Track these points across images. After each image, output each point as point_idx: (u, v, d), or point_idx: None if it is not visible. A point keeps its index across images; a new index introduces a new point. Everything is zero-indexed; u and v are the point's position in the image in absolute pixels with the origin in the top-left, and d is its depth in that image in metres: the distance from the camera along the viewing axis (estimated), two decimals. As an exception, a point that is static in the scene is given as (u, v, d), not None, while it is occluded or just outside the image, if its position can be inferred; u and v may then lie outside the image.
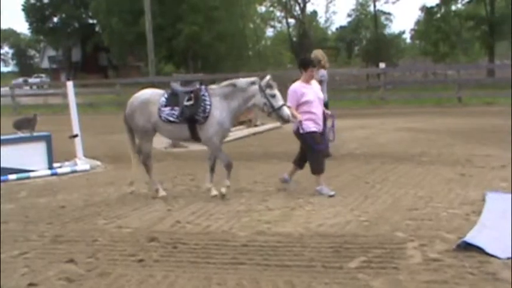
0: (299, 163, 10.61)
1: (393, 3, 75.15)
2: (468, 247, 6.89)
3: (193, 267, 6.69)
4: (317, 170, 10.13)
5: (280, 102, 9.63)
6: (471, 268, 6.34)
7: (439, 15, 62.60)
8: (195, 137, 10.10)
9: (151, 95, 10.37)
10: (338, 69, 53.87)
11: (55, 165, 13.33)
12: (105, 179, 12.32)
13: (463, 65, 52.94)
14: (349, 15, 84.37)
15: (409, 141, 16.64)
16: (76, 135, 14.27)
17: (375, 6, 72.65)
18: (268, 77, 9.71)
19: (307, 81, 10.27)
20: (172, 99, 10.02)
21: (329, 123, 10.83)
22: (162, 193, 10.38)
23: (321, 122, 10.24)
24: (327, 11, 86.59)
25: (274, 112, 9.65)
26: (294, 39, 74.11)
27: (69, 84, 15.07)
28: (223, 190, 9.96)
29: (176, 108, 9.89)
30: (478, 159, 12.80)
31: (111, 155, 15.67)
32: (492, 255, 6.65)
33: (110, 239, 7.89)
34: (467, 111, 26.57)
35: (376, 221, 8.33)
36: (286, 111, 9.62)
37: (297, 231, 7.93)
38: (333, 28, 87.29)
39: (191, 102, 9.82)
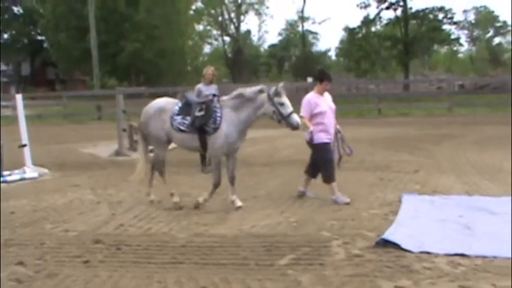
0: (312, 172, 10.11)
1: (319, 23, 76.11)
2: (386, 243, 7.06)
3: (135, 267, 6.66)
4: (329, 179, 9.71)
5: (289, 109, 9.00)
6: (388, 262, 6.50)
7: (360, 35, 63.43)
8: (204, 148, 9.51)
9: (166, 104, 9.85)
10: (270, 83, 54.23)
11: (5, 173, 13.04)
12: (52, 186, 12.09)
13: (382, 80, 53.81)
14: (280, 34, 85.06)
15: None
16: (25, 145, 14.00)
17: (303, 26, 73.31)
18: (281, 84, 9.22)
19: (321, 93, 9.85)
20: (185, 109, 9.52)
21: (339, 137, 10.10)
22: (175, 199, 9.79)
23: (332, 133, 9.79)
24: (259, 30, 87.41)
25: (284, 120, 9.02)
26: (229, 55, 74.24)
27: (18, 97, 14.78)
28: (200, 199, 9.63)
29: (187, 117, 9.40)
30: (395, 165, 13.04)
31: (58, 163, 15.45)
32: (407, 250, 6.84)
33: (57, 242, 7.78)
34: (386, 122, 27.01)
35: (304, 221, 8.42)
36: (295, 118, 9.01)
37: (231, 233, 7.96)
38: (265, 46, 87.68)
39: (202, 113, 9.32)
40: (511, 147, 14.40)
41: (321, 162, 9.78)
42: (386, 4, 59.39)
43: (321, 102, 9.71)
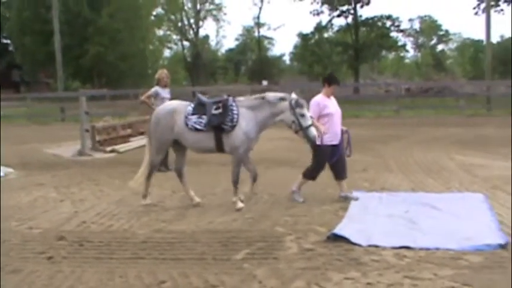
0: (336, 175, 9.76)
1: (275, 29, 76.21)
2: (336, 238, 7.13)
3: (97, 262, 6.62)
4: (310, 176, 9.63)
5: (309, 122, 8.78)
6: (339, 255, 6.57)
7: (313, 41, 63.67)
8: (219, 147, 9.14)
9: (178, 105, 9.43)
10: (227, 86, 54.20)
11: (-30, 172, 12.84)
12: (18, 185, 11.91)
13: (333, 83, 54.02)
14: (236, 39, 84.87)
15: (286, 148, 16.79)
16: (-10, 145, 13.80)
17: (258, 31, 73.42)
18: (294, 95, 8.94)
19: (328, 96, 9.62)
20: (200, 109, 9.13)
21: (345, 138, 9.88)
22: (147, 201, 9.53)
23: (339, 136, 9.56)
24: (217, 35, 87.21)
25: (302, 131, 8.79)
26: (188, 59, 73.90)
27: (-16, 98, 14.56)
28: (236, 199, 9.25)
29: (203, 116, 9.01)
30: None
31: (23, 162, 15.25)
32: (356, 244, 6.92)
33: (21, 239, 7.69)
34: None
35: (259, 218, 8.45)
36: (313, 132, 8.77)
37: (189, 229, 7.96)
38: (223, 50, 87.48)
39: (219, 111, 8.95)
40: (455, 147, 14.65)
41: (315, 161, 9.57)
42: (337, 12, 59.73)
43: (329, 104, 9.50)
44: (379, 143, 17.55)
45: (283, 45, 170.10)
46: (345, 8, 59.22)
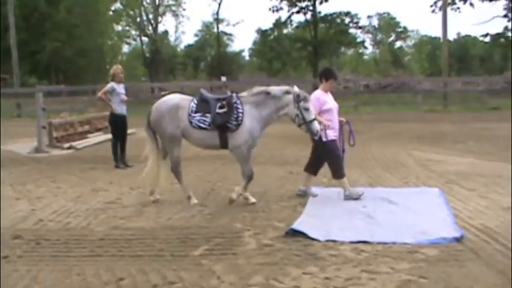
0: (313, 170, 9.67)
1: (234, 25, 76.13)
2: (295, 233, 7.16)
3: (54, 260, 6.53)
4: (339, 174, 9.32)
5: (312, 116, 8.71)
6: (297, 250, 6.60)
7: (272, 37, 63.88)
8: (224, 145, 8.97)
9: (181, 100, 9.13)
10: (186, 82, 54.02)
11: None
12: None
13: (293, 79, 54.30)
14: (196, 35, 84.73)
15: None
16: None
17: (218, 27, 73.16)
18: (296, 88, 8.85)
19: (326, 91, 9.48)
20: (203, 106, 8.91)
21: (346, 129, 9.78)
22: (194, 201, 9.18)
23: (337, 131, 9.40)
24: (176, 31, 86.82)
25: (305, 125, 8.71)
26: (147, 55, 73.45)
27: None
28: (234, 196, 9.12)
29: (207, 115, 8.81)
30: (304, 160, 12.97)
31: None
32: (314, 239, 6.96)
33: (-24, 237, 7.54)
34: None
35: (217, 214, 8.45)
36: (316, 126, 8.69)
37: (148, 225, 7.93)
38: (182, 46, 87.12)
39: (224, 110, 8.76)
40: (413, 143, 14.84)
41: (330, 159, 9.35)
42: (297, 8, 59.86)
43: (328, 99, 9.38)
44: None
45: (242, 41, 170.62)
46: (304, 4, 59.41)
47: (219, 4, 68.75)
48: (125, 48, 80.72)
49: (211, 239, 7.15)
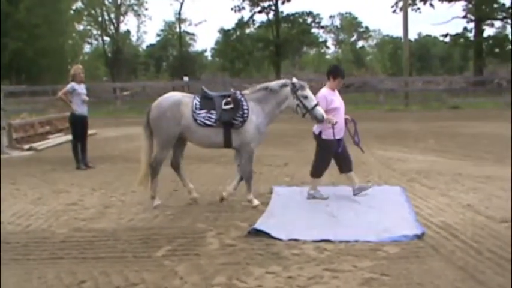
0: (345, 168, 9.45)
1: (196, 25, 75.78)
2: (257, 233, 7.18)
3: (15, 264, 6.46)
4: (317, 174, 9.28)
5: (313, 102, 8.62)
6: (260, 250, 6.64)
7: (234, 36, 63.77)
8: (227, 143, 8.82)
9: (183, 97, 8.97)
10: (148, 82, 53.75)
11: None
12: None
13: (255, 79, 54.37)
14: (158, 35, 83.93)
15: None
16: None
17: (180, 27, 72.73)
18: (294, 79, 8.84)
19: (333, 89, 9.28)
20: (207, 103, 8.77)
21: (351, 127, 9.61)
22: (156, 202, 9.03)
23: (343, 130, 9.27)
24: (138, 31, 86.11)
25: (308, 112, 8.63)
26: (109, 55, 72.80)
27: None
28: (225, 194, 9.08)
29: (213, 111, 8.67)
30: (266, 159, 13.20)
31: None
32: (277, 238, 6.99)
33: None
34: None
35: (179, 214, 8.44)
36: (320, 111, 8.58)
37: (110, 226, 7.88)
38: (144, 46, 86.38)
39: (230, 106, 8.66)
40: (375, 142, 14.96)
41: (320, 156, 9.24)
42: (259, 8, 59.97)
43: (335, 98, 9.19)
44: (300, 137, 17.67)
45: (204, 41, 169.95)
46: (266, 4, 59.51)
47: (181, 4, 68.35)
48: (86, 48, 79.84)
49: (173, 239, 7.14)
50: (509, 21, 53.89)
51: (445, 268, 5.94)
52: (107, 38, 73.40)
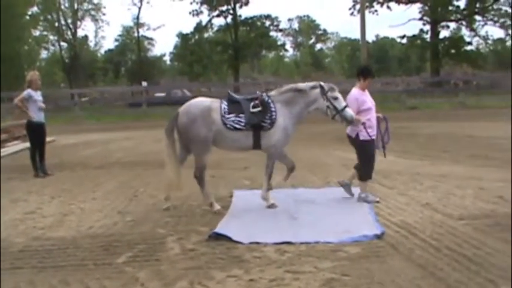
0: (367, 174, 9.30)
1: (154, 30, 75.31)
2: (218, 237, 7.17)
3: (-28, 275, 6.32)
4: (366, 176, 9.20)
5: (343, 103, 8.66)
6: (221, 254, 6.63)
7: (193, 40, 63.72)
8: (257, 145, 8.82)
9: (212, 103, 8.88)
10: (107, 88, 53.36)
11: None
12: None
13: (214, 83, 54.50)
14: (116, 40, 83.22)
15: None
16: None
17: (138, 32, 72.34)
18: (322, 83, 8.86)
19: (363, 90, 9.24)
20: (235, 107, 8.74)
21: (383, 126, 9.48)
22: (216, 207, 8.82)
23: (375, 129, 9.19)
24: (96, 36, 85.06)
25: (338, 114, 8.66)
26: (67, 60, 72.03)
27: None
28: (270, 202, 8.93)
29: (241, 115, 8.64)
30: (226, 163, 13.20)
31: None
32: (238, 242, 6.99)
33: None
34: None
35: (140, 220, 8.39)
36: (349, 112, 8.61)
37: (69, 235, 7.77)
38: (102, 51, 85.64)
39: (259, 109, 8.66)
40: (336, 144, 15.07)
41: (364, 158, 9.19)
42: (217, 12, 60.07)
43: (366, 98, 9.17)
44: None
45: (163, 46, 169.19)
46: (224, 8, 59.64)
47: (139, 8, 68.07)
48: (43, 54, 78.90)
49: (134, 245, 7.09)
50: (464, 22, 54.97)
51: (404, 266, 6.01)
52: (64, 44, 72.65)
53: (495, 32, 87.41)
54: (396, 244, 6.77)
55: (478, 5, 52.97)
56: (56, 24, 70.18)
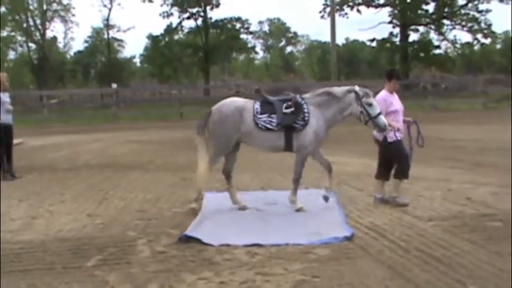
0: (385, 175, 9.33)
1: (124, 31, 74.74)
2: (189, 239, 7.16)
3: None
4: (403, 175, 9.11)
5: (377, 110, 8.51)
6: (191, 256, 6.61)
7: (163, 43, 63.51)
8: (288, 146, 8.74)
9: (245, 102, 8.91)
10: (76, 90, 52.93)
11: None
12: None
13: (184, 85, 54.39)
14: (86, 41, 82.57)
15: (138, 152, 16.74)
16: None
17: (108, 33, 71.88)
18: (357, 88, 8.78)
19: (391, 92, 9.26)
20: (267, 107, 8.70)
21: (414, 130, 9.44)
22: (242, 203, 8.97)
23: (402, 132, 9.12)
24: (65, 37, 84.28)
25: (371, 121, 8.53)
26: (35, 62, 71.27)
27: None
28: (298, 205, 8.83)
29: (273, 115, 8.60)
30: (196, 165, 13.16)
31: None
32: (208, 244, 6.99)
33: None
34: (188, 125, 27.30)
35: (110, 223, 8.32)
36: (383, 119, 8.49)
37: (38, 238, 7.68)
38: (71, 52, 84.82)
39: (291, 110, 8.60)
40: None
41: (399, 158, 9.10)
42: (187, 14, 60.00)
43: (394, 101, 9.20)
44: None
45: (133, 48, 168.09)
46: (194, 10, 59.58)
47: (110, 10, 67.62)
48: (11, 55, 77.94)
49: (104, 248, 7.03)
50: (432, 26, 55.57)
51: (374, 268, 6.07)
52: (32, 45, 71.82)
53: (463, 36, 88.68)
54: (366, 246, 6.83)
55: (446, 10, 53.61)
56: (24, 24, 69.37)
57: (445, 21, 54.79)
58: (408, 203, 8.99)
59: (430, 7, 53.72)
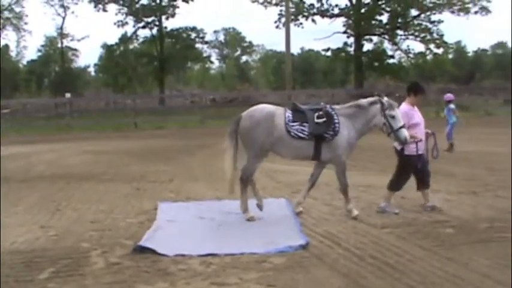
0: (396, 186, 9.31)
1: (79, 40, 73.83)
2: (143, 250, 7.11)
3: None
4: (396, 187, 9.25)
5: (400, 123, 8.60)
6: (146, 267, 6.58)
7: (118, 52, 63.06)
8: (317, 155, 8.77)
9: (277, 109, 8.88)
10: (29, 99, 52.17)
11: None
12: None
13: (139, 95, 54.01)
14: (39, 50, 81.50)
15: (92, 162, 16.56)
16: None
17: (62, 42, 71.14)
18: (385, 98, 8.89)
19: (413, 105, 9.28)
20: (299, 116, 8.70)
21: (431, 141, 9.59)
22: (249, 214, 8.79)
23: (424, 145, 9.23)
24: (18, 46, 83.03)
25: (393, 133, 8.63)
26: (-13, 70, 70.10)
27: None
28: (299, 206, 9.09)
29: (305, 124, 8.61)
30: (150, 175, 13.15)
31: None
32: (163, 254, 6.96)
33: None
34: (142, 135, 27.32)
35: (63, 234, 8.21)
36: (404, 133, 8.58)
37: (-10, 250, 7.54)
38: (24, 61, 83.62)
39: (323, 120, 8.63)
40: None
41: (403, 171, 9.20)
42: (142, 23, 59.66)
43: (415, 114, 9.24)
44: (185, 153, 17.81)
45: (88, 57, 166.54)
46: (150, 19, 59.28)
47: (63, 18, 66.89)
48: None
49: (57, 260, 6.94)
50: (386, 36, 56.27)
51: (329, 276, 6.12)
52: (-17, 53, 70.64)
53: (416, 46, 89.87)
54: (321, 254, 6.89)
55: (399, 20, 54.25)
56: (-25, 32, 68.28)
57: (399, 32, 55.42)
58: (398, 212, 9.05)
59: (384, 17, 54.35)
